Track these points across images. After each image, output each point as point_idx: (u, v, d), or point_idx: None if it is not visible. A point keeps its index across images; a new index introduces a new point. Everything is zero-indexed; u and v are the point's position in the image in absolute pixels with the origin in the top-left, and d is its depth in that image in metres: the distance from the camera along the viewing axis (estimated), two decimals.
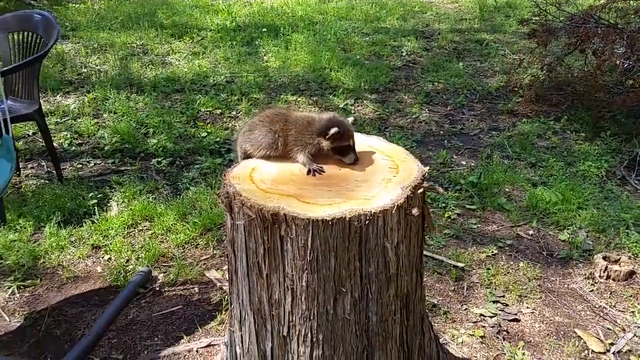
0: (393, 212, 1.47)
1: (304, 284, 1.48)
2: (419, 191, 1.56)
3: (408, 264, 1.61)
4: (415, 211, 1.51)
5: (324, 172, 1.74)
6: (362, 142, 1.88)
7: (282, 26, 7.46)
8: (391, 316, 1.62)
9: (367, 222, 1.44)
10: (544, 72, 5.48)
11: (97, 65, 6.13)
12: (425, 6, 9.17)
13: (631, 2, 4.95)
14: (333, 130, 1.76)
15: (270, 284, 1.54)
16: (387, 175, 1.66)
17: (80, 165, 4.20)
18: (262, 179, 1.65)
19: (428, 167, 1.74)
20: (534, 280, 3.01)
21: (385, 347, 1.68)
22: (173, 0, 9.02)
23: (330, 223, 1.42)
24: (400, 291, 1.62)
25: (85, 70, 5.99)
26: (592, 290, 2.92)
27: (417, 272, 1.69)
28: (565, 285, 2.98)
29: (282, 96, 5.42)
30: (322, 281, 1.49)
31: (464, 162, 4.34)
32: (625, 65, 5.04)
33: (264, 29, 7.40)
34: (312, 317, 1.53)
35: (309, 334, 1.56)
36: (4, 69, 3.36)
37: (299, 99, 5.40)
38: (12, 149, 2.68)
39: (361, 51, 6.74)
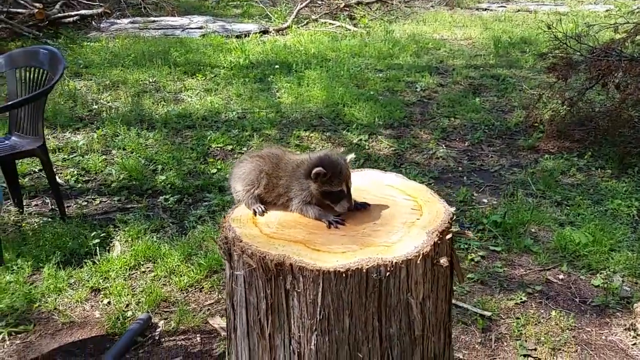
0: (418, 262, 1.26)
1: (312, 347, 1.26)
2: (447, 237, 1.35)
3: (435, 323, 1.38)
4: (443, 261, 1.30)
5: (344, 224, 1.48)
6: (379, 179, 1.68)
7: (295, 63, 7.42)
8: None
9: (387, 274, 1.24)
10: (565, 107, 5.29)
11: (108, 102, 6.08)
12: (439, 43, 9.12)
13: None
14: (316, 170, 1.51)
15: (273, 345, 1.32)
16: (409, 217, 1.45)
17: (86, 203, 4.06)
18: (267, 222, 1.45)
19: (454, 208, 1.54)
20: (567, 330, 2.74)
21: None
22: (187, 38, 9.08)
23: (344, 275, 1.21)
24: (427, 355, 1.39)
25: (96, 106, 5.94)
26: (634, 344, 2.64)
27: (445, 332, 1.46)
28: (603, 337, 2.71)
29: (294, 132, 5.29)
30: (335, 344, 1.27)
31: (485, 200, 4.12)
32: None
33: (277, 66, 7.35)
34: None
35: None
36: (6, 104, 3.26)
37: (311, 135, 5.26)
38: None
39: (375, 87, 6.63)
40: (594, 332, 2.74)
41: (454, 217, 1.45)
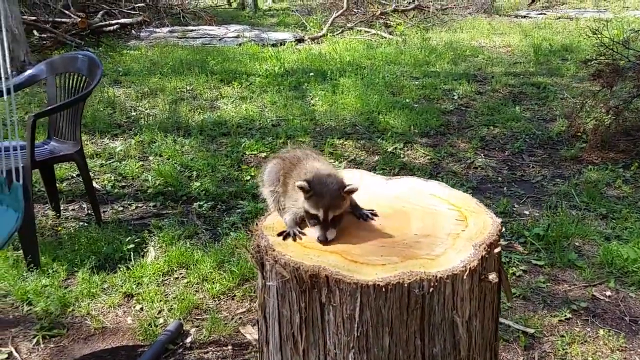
0: (464, 277, 1.17)
1: None
2: (496, 251, 1.26)
3: (482, 343, 1.28)
4: (492, 277, 1.20)
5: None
6: (420, 188, 1.59)
7: (330, 71, 7.38)
8: None
9: (431, 290, 1.15)
10: (610, 116, 5.08)
11: (146, 109, 6.16)
12: (477, 50, 8.96)
13: None
14: (299, 183, 1.39)
15: None
16: (454, 229, 1.36)
17: (122, 208, 4.08)
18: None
19: (500, 220, 1.44)
20: (617, 352, 2.58)
21: None
22: (224, 47, 9.18)
23: (383, 290, 1.13)
24: None
25: (135, 113, 6.02)
26: None
27: (491, 352, 1.36)
28: None
29: (328, 139, 5.23)
30: None
31: (527, 212, 3.96)
32: None
33: (312, 74, 7.33)
34: None
35: None
36: (45, 109, 3.31)
37: (345, 143, 5.19)
38: (21, 198, 2.47)
39: (410, 95, 6.53)
40: None
41: (502, 230, 1.35)
